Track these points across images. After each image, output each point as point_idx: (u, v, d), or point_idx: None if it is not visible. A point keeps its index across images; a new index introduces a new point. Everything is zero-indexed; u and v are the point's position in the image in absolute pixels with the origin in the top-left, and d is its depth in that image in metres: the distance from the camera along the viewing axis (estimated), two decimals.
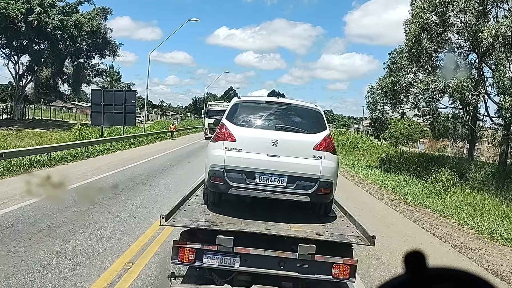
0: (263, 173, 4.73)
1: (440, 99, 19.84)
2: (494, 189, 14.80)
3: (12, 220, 7.44)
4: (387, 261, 6.82)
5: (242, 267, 4.10)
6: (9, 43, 36.42)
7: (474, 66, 19.34)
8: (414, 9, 18.29)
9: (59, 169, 13.83)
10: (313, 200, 4.86)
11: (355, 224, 4.76)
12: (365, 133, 56.97)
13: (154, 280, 5.25)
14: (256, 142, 4.86)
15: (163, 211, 4.35)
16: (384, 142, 36.48)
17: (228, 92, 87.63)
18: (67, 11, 36.41)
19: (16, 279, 4.95)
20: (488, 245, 8.91)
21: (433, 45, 18.30)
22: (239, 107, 5.31)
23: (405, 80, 19.95)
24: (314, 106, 5.54)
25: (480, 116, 19.74)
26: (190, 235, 4.28)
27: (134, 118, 25.10)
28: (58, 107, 57.98)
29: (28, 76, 40.21)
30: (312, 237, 4.13)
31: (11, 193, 9.36)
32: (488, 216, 11.18)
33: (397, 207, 12.39)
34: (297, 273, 4.08)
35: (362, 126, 70.51)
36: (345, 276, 4.10)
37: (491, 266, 7.36)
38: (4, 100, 51.43)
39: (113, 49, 40.64)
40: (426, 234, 9.33)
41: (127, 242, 6.70)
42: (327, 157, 4.84)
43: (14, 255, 5.70)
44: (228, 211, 4.83)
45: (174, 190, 11.05)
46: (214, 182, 4.82)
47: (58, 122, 41.56)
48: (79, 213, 8.19)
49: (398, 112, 23.16)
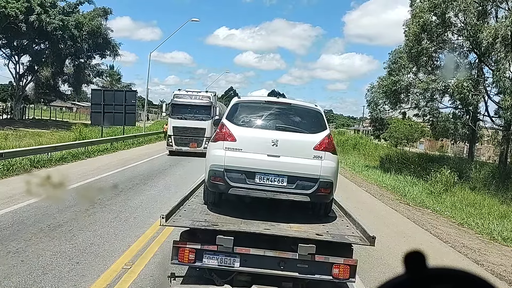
0: (263, 173, 4.73)
1: (440, 99, 19.87)
2: (494, 189, 14.79)
3: (12, 220, 7.43)
4: (387, 261, 6.82)
5: (242, 267, 4.11)
6: (9, 43, 36.45)
7: (474, 66, 19.34)
8: (414, 9, 18.29)
9: (59, 169, 13.83)
10: (313, 200, 4.87)
11: (355, 224, 4.76)
12: (365, 133, 56.98)
13: (154, 281, 5.24)
14: (256, 142, 4.86)
15: (163, 211, 4.35)
16: (384, 142, 36.50)
17: (228, 92, 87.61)
18: (67, 11, 36.44)
19: (16, 279, 4.95)
20: (488, 245, 8.91)
21: (433, 45, 18.30)
22: (239, 107, 5.31)
23: (405, 80, 19.95)
24: (314, 106, 5.54)
25: (480, 116, 19.75)
26: (190, 235, 4.28)
27: (134, 118, 25.04)
28: (58, 107, 58.00)
29: (29, 76, 40.24)
30: (312, 237, 4.13)
31: (11, 193, 9.36)
32: (488, 216, 11.17)
33: (397, 207, 12.39)
34: (297, 273, 4.08)
35: (362, 126, 70.50)
36: (345, 276, 4.10)
37: (491, 266, 7.35)
38: (4, 100, 51.45)
39: (114, 49, 40.67)
40: (426, 234, 9.33)
41: (127, 242, 6.70)
42: (327, 157, 4.84)
43: (14, 255, 5.70)
44: (228, 211, 4.83)
45: (174, 190, 11.05)
46: (214, 182, 4.82)
47: (58, 122, 41.57)
48: (79, 213, 8.19)
49: (399, 112, 23.12)
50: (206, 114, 20.29)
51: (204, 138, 19.57)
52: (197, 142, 19.91)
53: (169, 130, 20.68)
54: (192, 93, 21.16)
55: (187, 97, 20.83)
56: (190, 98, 20.80)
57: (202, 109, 20.43)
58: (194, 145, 19.90)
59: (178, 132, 20.14)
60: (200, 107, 20.48)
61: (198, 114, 20.33)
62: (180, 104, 20.60)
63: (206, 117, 20.13)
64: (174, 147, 20.03)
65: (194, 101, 20.66)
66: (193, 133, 19.98)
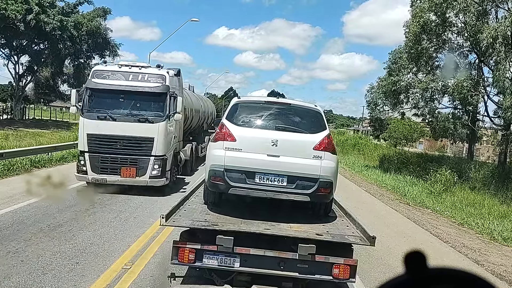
0: (263, 173, 4.74)
1: (440, 99, 19.88)
2: (494, 189, 14.79)
3: (12, 220, 7.43)
4: (387, 261, 6.82)
5: (242, 267, 4.11)
6: (9, 43, 36.39)
7: (474, 66, 19.35)
8: (414, 9, 18.30)
9: (60, 169, 13.82)
10: (313, 200, 4.87)
11: (355, 224, 4.76)
12: (364, 133, 57.00)
13: (154, 281, 5.24)
14: (256, 142, 4.87)
15: (163, 211, 4.35)
16: (384, 142, 36.50)
17: (228, 92, 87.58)
18: (66, 11, 36.41)
19: (16, 279, 4.95)
20: (488, 245, 8.91)
21: (433, 45, 18.31)
22: (239, 107, 5.32)
23: (405, 80, 19.96)
24: (313, 106, 5.55)
25: (480, 116, 19.76)
26: (190, 235, 4.28)
27: None
28: (58, 107, 57.93)
29: (28, 76, 40.18)
30: (312, 237, 4.13)
31: (11, 192, 9.36)
32: (488, 216, 11.17)
33: (397, 207, 12.39)
34: (297, 273, 4.08)
35: (361, 126, 70.48)
36: (345, 277, 4.10)
37: (491, 266, 7.35)
38: (4, 100, 51.44)
39: (113, 49, 40.58)
40: (426, 234, 9.33)
41: (127, 242, 6.70)
42: (327, 157, 4.85)
43: (14, 255, 5.70)
44: (228, 211, 4.83)
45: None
46: (214, 182, 4.82)
47: (58, 122, 41.55)
48: (79, 213, 8.19)
49: (398, 112, 23.14)
50: (155, 110, 10.73)
51: (152, 157, 10.39)
52: (136, 165, 10.39)
53: (80, 142, 10.64)
54: (128, 69, 10.87)
55: (118, 77, 10.70)
56: (124, 78, 10.68)
57: (147, 101, 10.82)
58: (129, 171, 10.36)
59: (97, 145, 10.41)
60: (143, 97, 10.70)
61: (139, 110, 10.73)
62: (103, 90, 10.60)
63: (155, 115, 10.60)
64: (89, 175, 10.33)
65: (132, 85, 10.56)
66: (128, 147, 10.45)
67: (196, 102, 16.68)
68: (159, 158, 10.40)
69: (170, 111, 10.61)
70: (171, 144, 11.08)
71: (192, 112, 14.89)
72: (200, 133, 17.73)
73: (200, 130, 18.03)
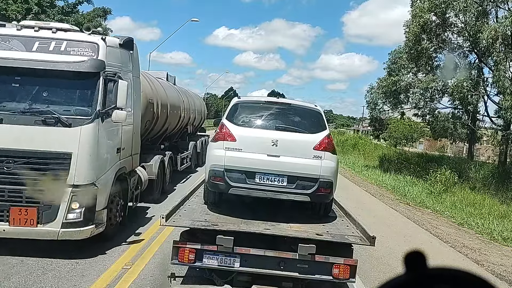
0: (263, 173, 4.74)
1: (440, 99, 19.88)
2: (494, 189, 14.79)
3: None
4: (387, 261, 6.82)
5: (242, 268, 4.11)
6: None
7: (473, 66, 19.34)
8: (414, 9, 18.29)
9: None
10: (313, 200, 4.88)
11: (355, 224, 4.77)
12: (364, 133, 57.02)
13: (154, 281, 5.24)
14: (256, 142, 4.88)
15: (163, 211, 4.35)
16: (384, 142, 36.52)
17: (228, 92, 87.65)
18: (66, 11, 36.44)
19: (16, 279, 4.95)
20: (488, 245, 8.91)
21: (433, 45, 18.30)
22: (239, 107, 5.33)
23: (405, 80, 19.97)
24: (313, 106, 5.55)
25: (480, 116, 19.77)
26: (190, 235, 4.29)
27: None
28: None
29: None
30: (312, 237, 4.13)
31: None
32: (488, 216, 11.17)
33: (397, 207, 12.39)
34: (297, 273, 4.09)
35: (361, 126, 70.53)
36: (345, 277, 4.11)
37: (491, 266, 7.36)
38: None
39: None
40: (426, 234, 9.33)
41: (127, 242, 6.69)
42: (327, 157, 4.86)
43: (14, 255, 5.69)
44: (228, 211, 4.84)
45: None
46: (214, 182, 4.83)
47: None
48: None
49: (398, 112, 23.15)
50: (76, 103, 6.03)
51: (68, 188, 5.59)
52: (37, 204, 5.55)
53: None
54: (33, 32, 5.95)
55: (14, 45, 5.80)
56: (25, 47, 5.80)
57: (62, 87, 6.10)
58: (25, 215, 5.52)
59: None
60: (54, 80, 5.92)
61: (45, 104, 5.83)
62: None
63: (76, 113, 5.81)
64: None
65: (37, 59, 5.69)
66: (23, 171, 5.51)
67: (173, 96, 11.83)
68: (81, 189, 5.66)
69: (107, 105, 5.95)
70: (107, 162, 6.21)
71: (166, 109, 10.41)
72: (182, 139, 13.88)
73: (182, 135, 13.85)
